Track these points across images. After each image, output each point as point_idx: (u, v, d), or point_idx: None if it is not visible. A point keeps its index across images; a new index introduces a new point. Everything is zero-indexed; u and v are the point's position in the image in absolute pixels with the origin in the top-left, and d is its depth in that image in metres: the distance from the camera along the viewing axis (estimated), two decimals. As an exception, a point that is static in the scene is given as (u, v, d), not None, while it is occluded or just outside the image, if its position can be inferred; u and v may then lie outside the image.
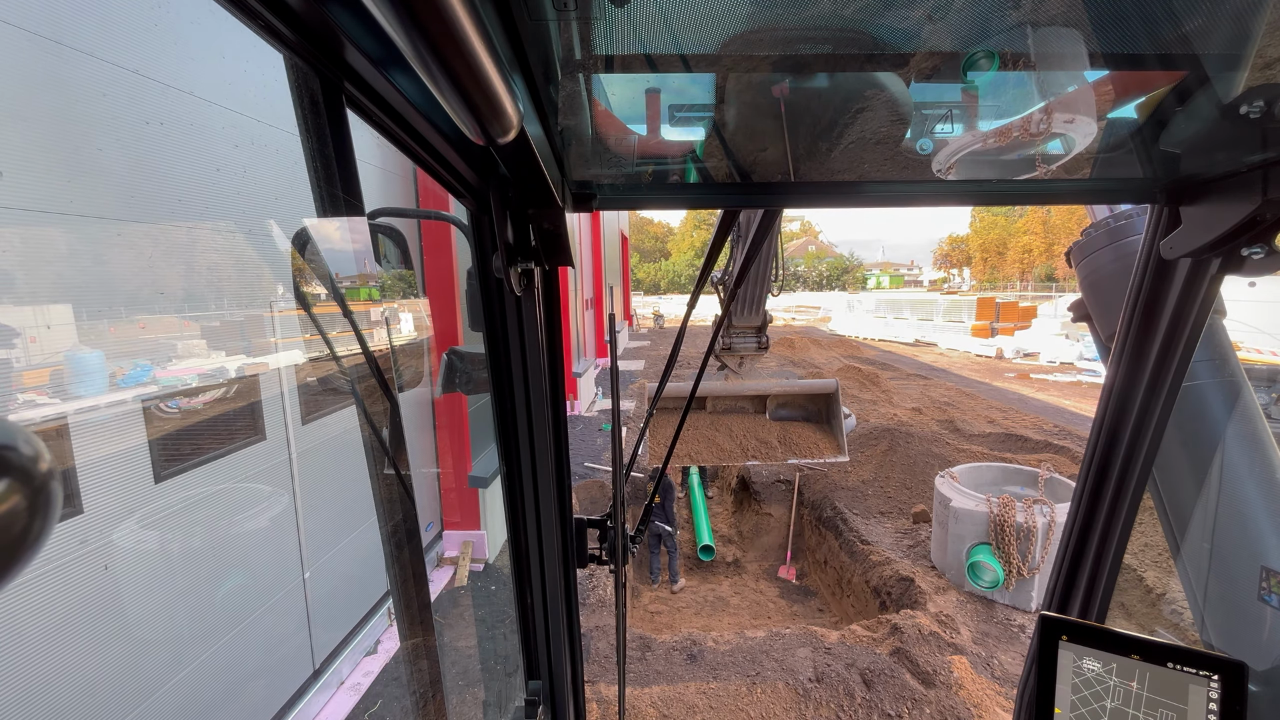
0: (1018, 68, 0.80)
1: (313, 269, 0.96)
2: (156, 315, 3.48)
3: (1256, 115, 0.85)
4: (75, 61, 2.95)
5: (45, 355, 2.84)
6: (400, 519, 1.01)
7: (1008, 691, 4.78)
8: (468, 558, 6.81)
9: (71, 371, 2.94)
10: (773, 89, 0.88)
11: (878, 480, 9.39)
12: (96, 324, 3.11)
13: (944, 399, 15.59)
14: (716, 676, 4.91)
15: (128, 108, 3.23)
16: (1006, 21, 0.70)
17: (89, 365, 3.01)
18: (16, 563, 0.25)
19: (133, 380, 3.28)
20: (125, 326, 3.29)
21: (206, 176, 3.83)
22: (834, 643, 5.38)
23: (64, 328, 2.92)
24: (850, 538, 7.74)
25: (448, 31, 0.39)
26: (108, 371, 3.12)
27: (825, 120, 0.95)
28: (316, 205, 0.69)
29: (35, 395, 2.78)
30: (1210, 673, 1.11)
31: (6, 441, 0.25)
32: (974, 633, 5.65)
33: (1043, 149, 1.01)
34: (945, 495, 6.65)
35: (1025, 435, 11.41)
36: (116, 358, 3.22)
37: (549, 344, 1.36)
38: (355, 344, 0.88)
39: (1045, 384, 18.30)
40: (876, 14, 0.69)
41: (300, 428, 4.53)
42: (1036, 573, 5.89)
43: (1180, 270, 1.23)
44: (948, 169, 1.11)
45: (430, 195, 6.65)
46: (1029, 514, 5.99)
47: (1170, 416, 1.31)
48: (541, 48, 0.70)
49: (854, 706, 4.53)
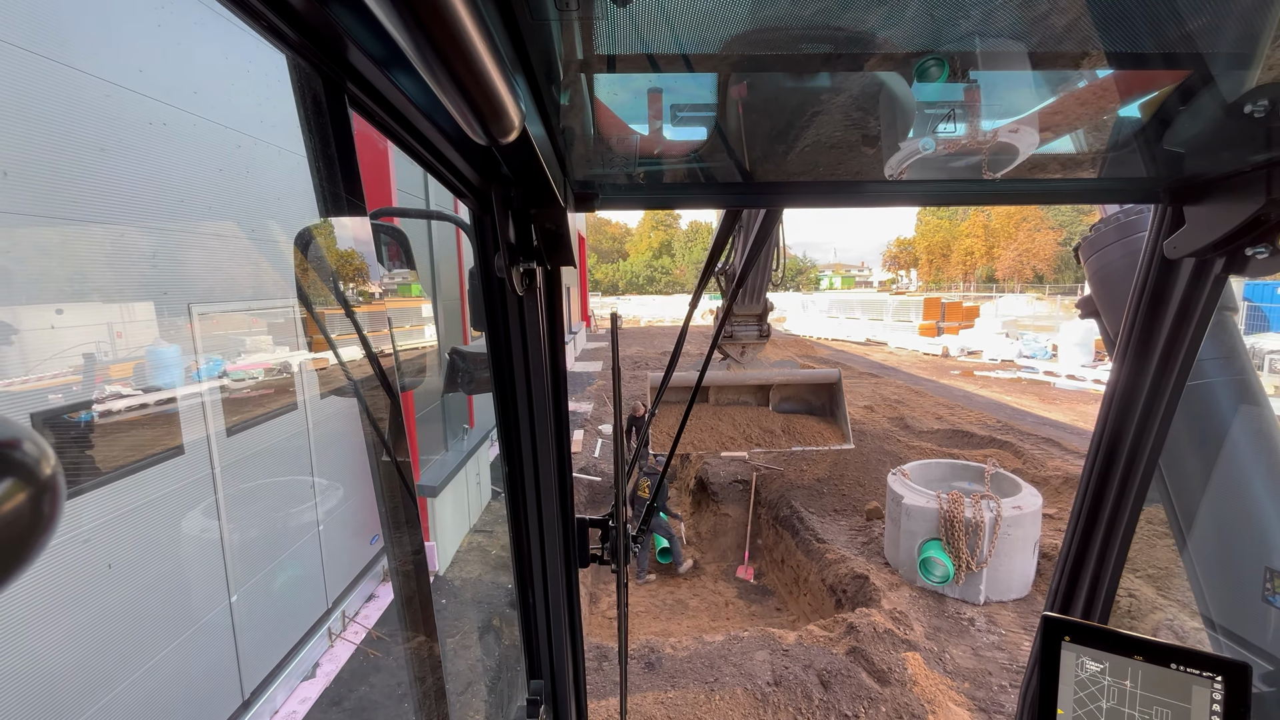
0: (1023, 68, 0.80)
1: (313, 269, 0.97)
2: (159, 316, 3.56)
3: (1261, 114, 0.85)
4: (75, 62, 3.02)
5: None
6: (403, 522, 1.03)
7: (959, 685, 4.86)
8: (416, 570, 6.52)
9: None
10: (774, 88, 0.88)
11: (832, 478, 9.53)
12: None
13: (894, 396, 16.04)
14: (675, 685, 4.82)
15: (127, 108, 3.31)
16: (1006, 22, 0.70)
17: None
18: (21, 561, 0.25)
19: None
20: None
21: (207, 176, 3.90)
22: (791, 644, 5.37)
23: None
24: (806, 536, 7.80)
25: (450, 31, 0.39)
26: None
27: (826, 120, 0.95)
28: (319, 205, 0.68)
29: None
30: (1214, 674, 1.10)
31: (10, 440, 0.25)
32: (926, 628, 5.75)
33: (1042, 149, 1.01)
34: (897, 492, 6.78)
35: (971, 431, 11.82)
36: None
37: (551, 343, 1.36)
38: (356, 346, 0.89)
39: (988, 380, 19.08)
40: (878, 14, 0.69)
41: (225, 440, 4.20)
42: (984, 566, 6.04)
43: (1184, 270, 1.24)
44: (900, 172, 1.10)
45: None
46: (976, 509, 6.15)
47: (1175, 416, 1.31)
48: (543, 47, 0.70)
49: (812, 709, 4.52)
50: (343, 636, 5.55)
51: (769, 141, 1.05)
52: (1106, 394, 1.45)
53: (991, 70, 0.80)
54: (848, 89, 0.87)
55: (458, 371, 1.65)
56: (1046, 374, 19.31)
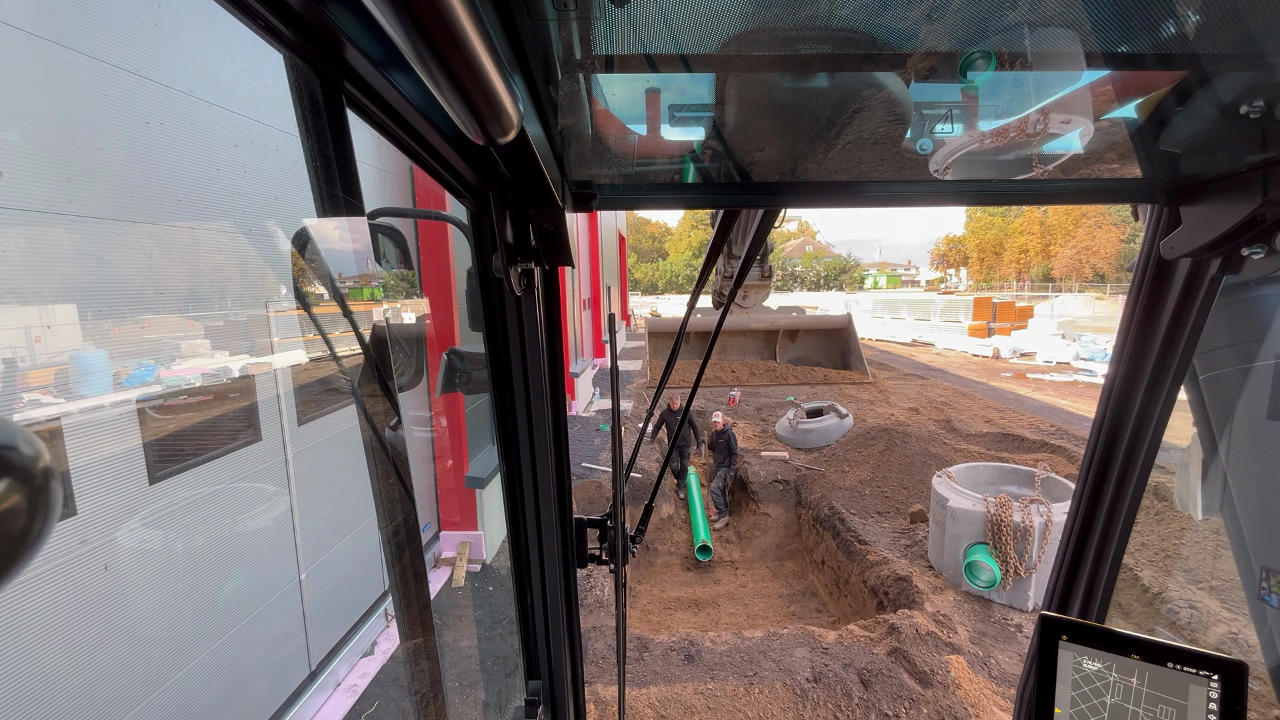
0: (1015, 68, 0.79)
1: (313, 268, 0.96)
2: (161, 315, 3.49)
3: (1256, 115, 0.85)
4: (75, 60, 2.94)
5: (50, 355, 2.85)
6: (400, 519, 1.01)
7: (1005, 691, 4.79)
8: (464, 558, 6.80)
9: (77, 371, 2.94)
10: (772, 89, 0.87)
11: (875, 480, 9.40)
12: (100, 323, 3.11)
13: (941, 399, 15.61)
14: (714, 677, 4.91)
15: (128, 107, 3.23)
16: (1005, 21, 0.70)
17: (93, 365, 3.01)
18: (17, 562, 0.25)
19: (137, 380, 3.27)
20: (129, 326, 3.30)
21: (206, 176, 3.82)
22: (831, 643, 5.38)
23: (68, 327, 2.91)
24: (848, 537, 7.75)
25: (448, 31, 0.39)
26: (112, 371, 3.12)
27: (825, 120, 0.95)
28: (316, 205, 0.69)
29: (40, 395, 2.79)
30: (1210, 672, 1.10)
31: (6, 441, 0.25)
32: (971, 632, 5.66)
33: (1041, 149, 1.00)
34: (942, 495, 6.67)
35: (1022, 435, 11.44)
36: (120, 358, 3.22)
37: (549, 344, 1.35)
38: (354, 343, 0.88)
39: (1041, 384, 18.33)
40: (876, 13, 0.69)
41: (296, 429, 4.52)
42: (1033, 572, 5.90)
43: (1180, 270, 1.23)
44: (945, 169, 1.10)
45: (429, 195, 6.64)
46: (1026, 513, 6.00)
47: (1170, 417, 1.31)
48: (541, 47, 0.70)
49: (851, 706, 4.54)
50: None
51: (767, 141, 1.05)
52: (1103, 394, 1.44)
53: (990, 71, 0.81)
54: (846, 89, 0.86)
55: (455, 372, 1.65)
56: (1105, 377, 18.42)
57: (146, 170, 3.35)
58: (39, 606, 2.68)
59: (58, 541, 2.75)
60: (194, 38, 3.74)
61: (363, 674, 5.06)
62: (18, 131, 2.71)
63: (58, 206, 2.85)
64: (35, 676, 2.64)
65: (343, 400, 5.10)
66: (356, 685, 4.93)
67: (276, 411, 4.33)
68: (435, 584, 6.53)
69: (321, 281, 0.98)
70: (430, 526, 6.99)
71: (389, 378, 0.95)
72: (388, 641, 5.49)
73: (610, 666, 5.16)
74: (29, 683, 2.61)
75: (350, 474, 5.22)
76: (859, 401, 14.61)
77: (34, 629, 2.66)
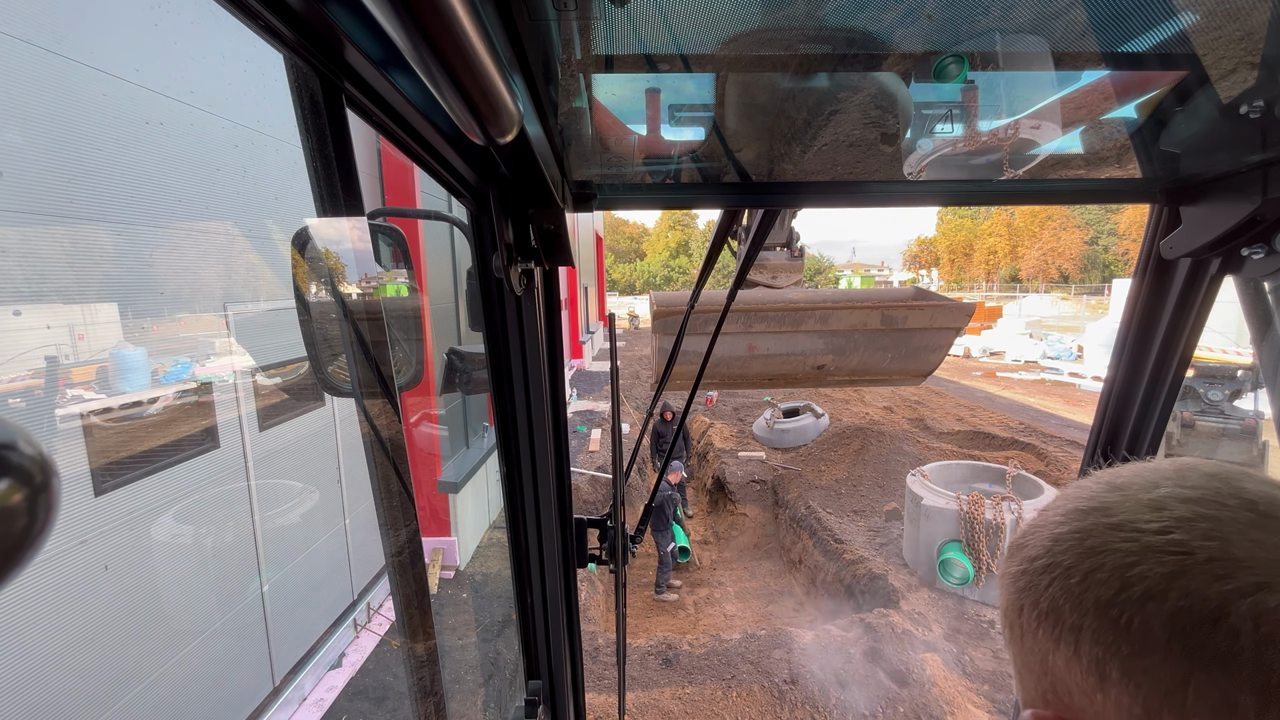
0: (1015, 68, 0.79)
1: (312, 268, 0.98)
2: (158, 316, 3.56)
3: (1256, 115, 0.85)
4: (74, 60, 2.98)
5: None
6: (401, 520, 1.00)
7: (979, 688, 4.84)
8: (438, 565, 6.64)
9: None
10: (773, 88, 0.87)
11: (851, 479, 9.49)
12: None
13: (914, 397, 15.87)
14: (692, 681, 4.87)
15: (127, 107, 3.27)
16: (1004, 21, 0.70)
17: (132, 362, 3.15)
18: (17, 562, 0.25)
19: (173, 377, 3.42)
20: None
21: (205, 176, 3.86)
22: (808, 643, 5.38)
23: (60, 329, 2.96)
24: (824, 536, 7.79)
25: (447, 31, 0.39)
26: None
27: (825, 120, 0.94)
28: (316, 205, 0.69)
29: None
30: None
31: (6, 441, 0.25)
32: (945, 630, 5.72)
33: (1041, 149, 1.00)
34: (916, 493, 6.74)
35: (993, 433, 11.66)
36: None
37: (549, 344, 1.36)
38: (354, 343, 0.88)
39: (1010, 382, 18.77)
40: (876, 14, 0.69)
41: (257, 434, 4.34)
42: (1005, 569, 5.99)
43: (1180, 270, 1.23)
44: (918, 170, 1.10)
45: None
46: (997, 511, 6.10)
47: (1171, 414, 1.30)
48: (541, 47, 0.70)
49: (829, 707, 4.54)
50: (367, 628, 5.69)
51: (767, 141, 1.04)
52: (1103, 394, 1.44)
53: (990, 71, 0.81)
54: (847, 88, 0.86)
55: (455, 372, 1.64)
56: (1071, 375, 18.97)
57: (145, 170, 3.40)
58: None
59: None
60: (193, 37, 3.81)
61: (329, 687, 4.89)
62: (18, 132, 2.76)
63: (58, 207, 2.90)
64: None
65: (309, 403, 4.94)
66: (324, 699, 4.75)
67: (235, 416, 4.15)
68: (407, 592, 6.36)
69: (320, 281, 1.00)
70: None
71: (389, 378, 0.95)
72: (356, 653, 5.32)
73: (602, 670, 5.08)
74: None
75: (318, 477, 5.05)
76: (834, 401, 14.76)
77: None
